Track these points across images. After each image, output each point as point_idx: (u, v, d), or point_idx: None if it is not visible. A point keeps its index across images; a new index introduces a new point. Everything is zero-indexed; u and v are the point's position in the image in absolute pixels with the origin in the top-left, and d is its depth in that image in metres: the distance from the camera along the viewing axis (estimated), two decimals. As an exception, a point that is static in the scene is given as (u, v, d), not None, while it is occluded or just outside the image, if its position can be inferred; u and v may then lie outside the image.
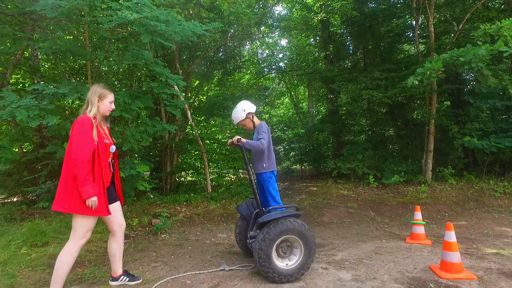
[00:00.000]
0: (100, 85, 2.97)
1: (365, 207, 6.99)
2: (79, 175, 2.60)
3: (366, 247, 4.55)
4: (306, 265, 3.29)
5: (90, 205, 2.67)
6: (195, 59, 9.65)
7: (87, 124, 2.72)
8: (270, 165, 3.68)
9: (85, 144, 2.65)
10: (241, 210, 3.87)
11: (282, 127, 14.80)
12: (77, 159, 2.60)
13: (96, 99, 2.86)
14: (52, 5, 3.29)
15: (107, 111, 2.95)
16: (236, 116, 3.74)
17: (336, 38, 11.69)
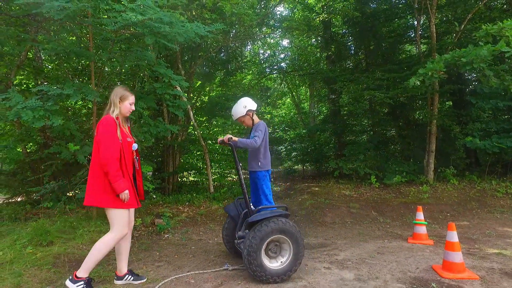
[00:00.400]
0: (122, 87, 3.13)
1: (367, 207, 7.00)
2: (110, 172, 2.81)
3: (368, 247, 4.58)
4: (294, 266, 3.26)
5: (123, 198, 2.89)
6: (197, 60, 9.69)
7: (112, 125, 2.91)
8: (265, 164, 3.67)
9: (113, 143, 2.85)
10: (229, 210, 3.86)
11: (284, 127, 14.80)
12: (107, 157, 2.80)
13: (118, 100, 3.02)
14: (58, 8, 3.33)
15: (128, 112, 3.11)
16: (236, 111, 3.74)
17: (338, 38, 11.70)
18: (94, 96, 4.31)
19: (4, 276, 3.43)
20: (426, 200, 7.26)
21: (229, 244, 3.99)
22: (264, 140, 3.65)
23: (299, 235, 3.30)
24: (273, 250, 3.30)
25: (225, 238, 4.00)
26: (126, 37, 4.76)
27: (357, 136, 11.35)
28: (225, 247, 4.12)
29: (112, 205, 2.92)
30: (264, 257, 3.21)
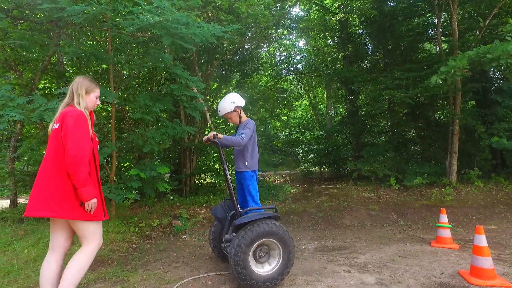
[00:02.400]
0: (86, 78, 2.66)
1: (387, 210, 6.82)
2: (79, 175, 2.30)
3: (389, 250, 4.44)
4: (286, 269, 3.09)
5: (89, 208, 2.37)
6: (213, 62, 9.74)
7: (83, 118, 2.42)
8: (252, 164, 3.53)
9: (85, 141, 2.37)
10: (216, 212, 3.64)
11: (301, 129, 14.67)
12: (77, 157, 2.29)
13: (83, 91, 2.55)
14: (79, 11, 3.40)
15: (93, 106, 2.65)
16: (223, 107, 3.52)
17: (355, 38, 11.52)
18: (112, 97, 4.38)
19: (28, 273, 3.52)
20: (449, 202, 7.00)
21: (216, 248, 3.76)
22: (252, 139, 3.52)
23: (288, 237, 3.12)
24: (261, 254, 3.10)
25: (212, 242, 3.77)
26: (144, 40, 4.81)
27: (376, 137, 11.11)
28: (213, 251, 3.88)
29: (73, 216, 2.36)
30: (252, 261, 3.01)
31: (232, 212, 3.46)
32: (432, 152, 9.67)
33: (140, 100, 5.30)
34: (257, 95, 12.42)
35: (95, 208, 2.42)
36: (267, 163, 10.59)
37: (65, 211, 2.33)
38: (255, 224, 3.01)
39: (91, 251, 2.49)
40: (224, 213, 3.59)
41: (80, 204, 2.35)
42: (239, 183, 3.63)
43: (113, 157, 5.53)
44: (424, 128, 10.05)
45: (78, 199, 2.35)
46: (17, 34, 5.04)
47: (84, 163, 2.33)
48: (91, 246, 2.49)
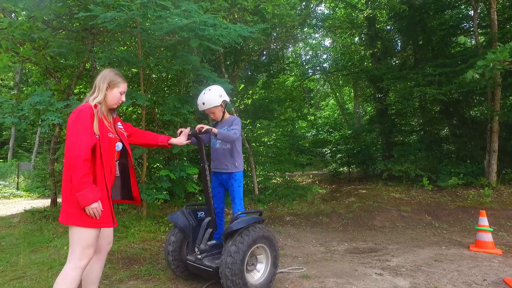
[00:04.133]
0: (112, 70, 2.39)
1: (419, 211, 6.56)
2: (75, 176, 2.04)
3: (423, 254, 4.26)
4: (274, 275, 2.99)
5: (91, 213, 2.09)
6: (240, 63, 9.81)
7: (85, 114, 2.15)
8: (241, 164, 3.35)
9: (82, 138, 2.08)
10: (178, 221, 3.14)
11: (328, 128, 14.45)
12: (71, 157, 2.05)
13: (105, 86, 2.30)
14: (111, 18, 3.54)
15: (116, 103, 2.38)
16: (210, 99, 3.19)
17: (383, 35, 11.20)
18: (143, 100, 4.51)
19: (66, 270, 3.69)
20: (489, 204, 6.63)
21: (176, 262, 3.19)
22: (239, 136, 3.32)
23: (275, 241, 3.03)
24: (249, 262, 2.90)
25: (171, 255, 3.17)
26: (172, 43, 4.92)
27: (407, 136, 10.74)
28: (169, 267, 3.24)
29: (75, 222, 2.09)
30: (246, 272, 2.78)
31: (208, 219, 3.12)
32: (468, 151, 9.20)
33: (169, 102, 5.42)
34: (284, 95, 12.37)
35: (99, 213, 2.11)
36: (294, 164, 10.51)
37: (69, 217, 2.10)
38: (249, 229, 2.80)
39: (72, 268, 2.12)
40: (187, 222, 3.13)
41: (84, 209, 2.09)
42: (219, 186, 3.40)
43: (144, 158, 5.69)
44: (459, 126, 9.58)
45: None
46: (56, 43, 5.32)
47: (77, 164, 2.02)
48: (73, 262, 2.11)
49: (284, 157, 10.16)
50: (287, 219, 6.63)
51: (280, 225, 6.23)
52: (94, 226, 2.14)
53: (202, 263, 2.90)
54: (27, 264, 3.79)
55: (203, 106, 3.23)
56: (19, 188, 11.99)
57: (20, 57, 5.61)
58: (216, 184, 3.41)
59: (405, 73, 9.01)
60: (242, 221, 2.79)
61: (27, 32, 5.14)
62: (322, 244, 4.91)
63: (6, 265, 3.77)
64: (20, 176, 12.84)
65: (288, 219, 6.63)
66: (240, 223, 2.75)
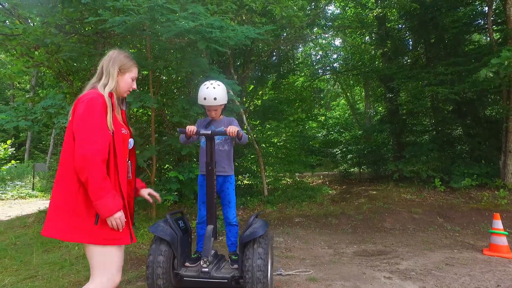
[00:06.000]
0: (122, 52, 2.00)
1: (431, 213, 6.45)
2: (92, 181, 1.67)
3: (434, 257, 4.19)
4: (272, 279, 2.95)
5: (113, 225, 1.74)
6: (249, 64, 9.84)
7: (98, 103, 1.77)
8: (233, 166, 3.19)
9: (98, 133, 1.73)
10: (165, 234, 2.71)
11: (339, 129, 14.33)
12: (85, 157, 1.66)
13: (116, 71, 1.92)
14: (120, 22, 3.60)
15: (127, 91, 2.02)
16: (222, 95, 2.86)
17: (394, 34, 11.04)
18: (151, 102, 4.57)
19: (79, 269, 3.79)
20: (504, 206, 6.46)
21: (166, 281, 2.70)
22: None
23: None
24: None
25: (162, 277, 2.68)
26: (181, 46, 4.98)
27: (418, 136, 10.56)
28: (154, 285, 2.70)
29: (89, 239, 1.72)
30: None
31: (209, 227, 2.75)
32: (482, 152, 8.98)
33: (178, 104, 5.48)
34: (293, 96, 12.33)
35: (123, 225, 1.78)
36: (304, 164, 10.46)
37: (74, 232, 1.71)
38: (266, 236, 2.77)
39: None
40: (174, 233, 2.77)
41: (95, 221, 1.73)
42: (220, 189, 3.10)
43: (154, 159, 5.76)
44: (472, 125, 9.37)
45: (92, 213, 1.74)
46: (67, 47, 5.44)
47: (94, 166, 1.67)
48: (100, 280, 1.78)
49: (293, 158, 10.13)
50: (296, 220, 6.60)
51: (289, 227, 6.20)
52: (114, 242, 1.77)
53: (212, 275, 2.64)
54: (40, 263, 3.89)
55: (214, 102, 2.82)
56: (34, 189, 12.27)
57: (34, 61, 5.74)
58: (220, 186, 3.10)
59: (416, 72, 8.86)
60: (262, 225, 2.78)
61: (41, 37, 5.27)
62: (331, 246, 4.87)
63: (20, 264, 3.87)
64: (35, 177, 13.14)
65: (297, 220, 6.61)
66: (263, 227, 2.73)
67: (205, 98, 2.84)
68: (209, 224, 2.80)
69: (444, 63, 8.54)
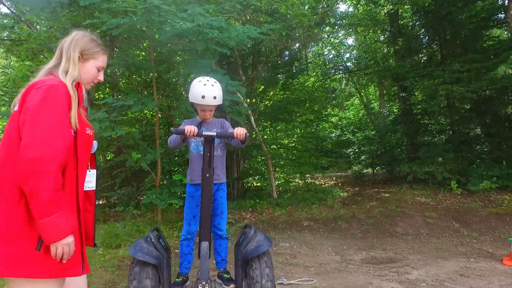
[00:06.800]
0: (88, 35, 1.63)
1: (446, 217, 6.15)
2: (41, 192, 1.27)
3: (448, 266, 3.95)
4: None
5: (59, 252, 1.33)
6: (258, 65, 9.72)
7: (61, 95, 1.40)
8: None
9: (58, 132, 1.34)
10: (149, 256, 2.29)
11: (353, 129, 14.05)
12: (39, 160, 1.27)
13: (77, 55, 1.55)
14: (115, 24, 3.55)
15: (90, 82, 1.66)
16: (220, 95, 2.57)
17: (407, 31, 10.68)
18: (152, 105, 4.52)
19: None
20: (525, 211, 6.11)
21: None
22: None
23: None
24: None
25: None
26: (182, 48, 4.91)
27: (434, 136, 10.18)
28: None
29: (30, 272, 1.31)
30: None
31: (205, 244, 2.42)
32: (503, 152, 8.55)
33: (182, 107, 5.41)
34: (304, 97, 12.13)
35: (72, 253, 1.37)
36: (315, 166, 10.26)
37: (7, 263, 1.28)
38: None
39: None
40: (159, 254, 2.36)
41: (37, 246, 1.31)
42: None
43: (158, 162, 5.71)
44: (492, 125, 8.94)
45: (34, 236, 1.32)
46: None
47: (49, 171, 1.28)
48: None
49: (304, 159, 9.95)
50: (304, 224, 6.43)
51: (297, 231, 6.04)
52: (55, 275, 1.36)
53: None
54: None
55: (212, 101, 2.51)
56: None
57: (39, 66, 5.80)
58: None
59: (431, 70, 8.52)
60: (265, 238, 2.52)
61: (46, 42, 5.30)
62: (338, 253, 4.69)
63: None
64: None
65: (306, 224, 6.43)
66: (267, 241, 2.48)
67: (203, 97, 2.49)
68: (204, 240, 2.43)
69: (460, 60, 8.18)
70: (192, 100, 2.60)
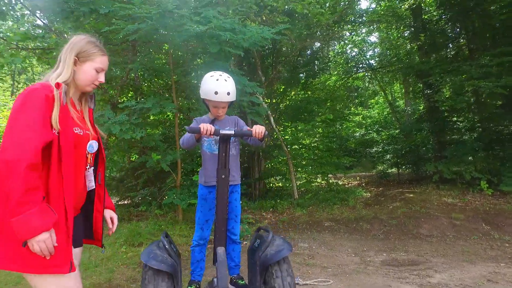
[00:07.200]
0: (86, 38, 1.66)
1: (475, 219, 5.87)
2: (11, 191, 1.33)
3: (474, 271, 3.76)
4: None
5: (36, 249, 1.37)
6: (278, 65, 9.72)
7: (38, 96, 1.44)
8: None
9: (29, 132, 1.38)
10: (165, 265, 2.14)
11: (377, 127, 13.73)
12: (9, 161, 1.34)
13: (73, 58, 1.58)
14: (132, 30, 3.67)
15: (89, 84, 1.66)
16: (234, 90, 2.42)
17: (431, 25, 10.29)
18: (171, 108, 4.62)
19: (101, 271, 3.91)
20: (562, 212, 5.73)
21: None
22: None
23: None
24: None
25: None
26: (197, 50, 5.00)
27: (462, 134, 9.74)
28: None
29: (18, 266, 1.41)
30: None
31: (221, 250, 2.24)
32: (539, 150, 8.07)
33: (201, 108, 5.50)
34: (325, 96, 11.99)
35: (51, 249, 1.39)
36: (336, 166, 10.11)
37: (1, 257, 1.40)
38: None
39: None
40: (173, 261, 2.21)
41: (23, 243, 1.37)
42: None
43: (178, 163, 5.83)
44: (526, 122, 8.45)
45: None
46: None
47: (16, 173, 1.32)
48: None
49: (325, 159, 9.82)
50: (325, 224, 6.36)
51: (317, 231, 5.98)
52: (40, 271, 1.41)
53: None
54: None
55: (226, 97, 2.35)
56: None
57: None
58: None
59: (457, 65, 8.16)
60: (285, 242, 2.40)
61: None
62: (358, 254, 4.60)
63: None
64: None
65: (326, 224, 6.35)
66: (287, 245, 2.36)
67: (216, 93, 2.32)
68: (219, 246, 2.26)
69: (489, 53, 7.79)
70: (204, 96, 2.44)
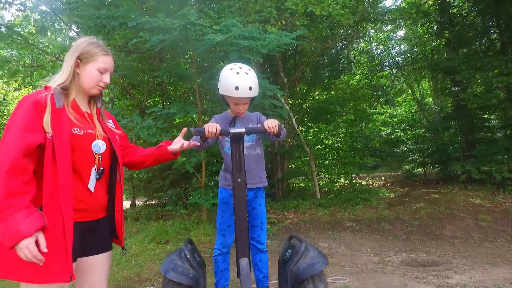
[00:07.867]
0: (89, 39, 1.63)
1: (504, 221, 5.70)
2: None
3: (497, 273, 3.70)
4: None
5: (22, 256, 1.30)
6: (300, 66, 9.80)
7: (28, 103, 1.44)
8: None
9: (12, 138, 1.36)
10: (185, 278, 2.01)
11: (405, 126, 13.45)
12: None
13: (73, 60, 1.56)
14: (158, 41, 3.94)
15: (94, 86, 1.61)
16: (256, 84, 2.17)
17: (459, 20, 9.96)
18: (194, 112, 4.87)
19: (130, 266, 4.20)
20: None
21: None
22: None
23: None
24: None
25: None
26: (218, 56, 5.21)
27: (493, 133, 9.38)
28: None
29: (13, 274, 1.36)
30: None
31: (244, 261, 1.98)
32: None
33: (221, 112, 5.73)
34: (348, 95, 11.90)
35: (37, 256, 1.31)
36: (359, 166, 10.04)
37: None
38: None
39: None
40: (196, 274, 2.07)
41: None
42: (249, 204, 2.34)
43: (203, 164, 6.08)
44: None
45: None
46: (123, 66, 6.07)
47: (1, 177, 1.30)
48: None
49: (348, 159, 9.79)
50: (346, 224, 6.39)
51: (338, 231, 6.03)
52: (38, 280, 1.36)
53: None
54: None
55: (248, 93, 2.10)
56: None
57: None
58: (252, 201, 2.37)
59: (487, 61, 7.89)
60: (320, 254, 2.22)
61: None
62: (377, 254, 4.63)
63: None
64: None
65: (348, 225, 6.39)
66: (323, 258, 2.19)
67: (237, 88, 2.07)
68: (242, 256, 2.02)
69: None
70: (223, 92, 2.19)
